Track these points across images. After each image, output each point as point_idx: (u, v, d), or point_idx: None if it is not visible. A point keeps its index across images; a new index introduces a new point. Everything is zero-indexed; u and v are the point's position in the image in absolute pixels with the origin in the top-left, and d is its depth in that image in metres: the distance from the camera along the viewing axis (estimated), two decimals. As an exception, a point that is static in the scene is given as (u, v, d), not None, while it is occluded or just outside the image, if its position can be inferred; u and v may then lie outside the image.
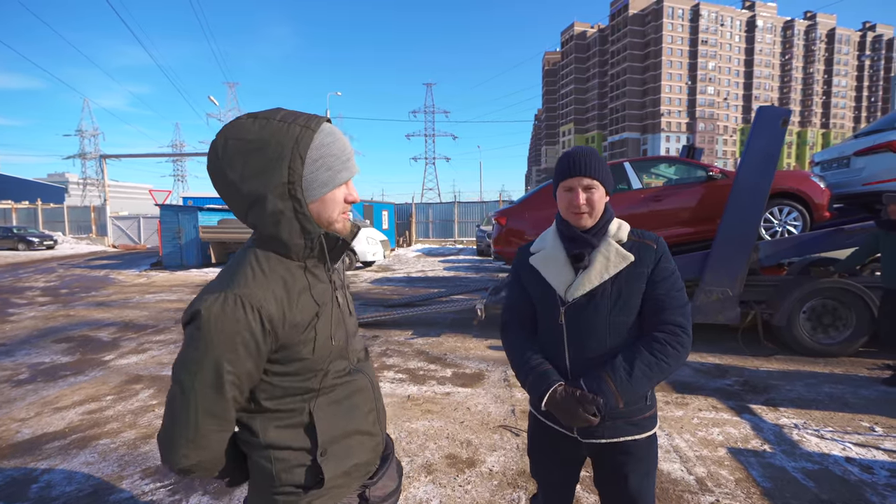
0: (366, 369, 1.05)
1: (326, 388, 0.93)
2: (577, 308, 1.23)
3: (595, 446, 1.26)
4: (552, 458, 1.36)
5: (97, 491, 2.48)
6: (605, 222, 1.27)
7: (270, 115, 0.86)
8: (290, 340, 0.86)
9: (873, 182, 4.97)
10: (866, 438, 2.95)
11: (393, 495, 1.07)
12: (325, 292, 0.95)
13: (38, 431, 3.22)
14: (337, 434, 0.94)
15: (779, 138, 4.48)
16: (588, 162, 1.22)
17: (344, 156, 0.90)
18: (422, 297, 7.58)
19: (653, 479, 1.29)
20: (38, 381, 4.29)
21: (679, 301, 1.21)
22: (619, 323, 1.21)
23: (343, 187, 0.92)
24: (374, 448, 1.02)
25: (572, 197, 1.24)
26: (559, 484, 1.40)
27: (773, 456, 2.74)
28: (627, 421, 1.22)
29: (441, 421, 3.32)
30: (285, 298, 0.86)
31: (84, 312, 7.56)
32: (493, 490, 2.45)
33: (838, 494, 2.35)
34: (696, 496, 2.36)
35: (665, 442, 2.93)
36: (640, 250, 1.23)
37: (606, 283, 1.21)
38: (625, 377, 1.13)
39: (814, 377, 4.08)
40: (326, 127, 0.89)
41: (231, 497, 2.41)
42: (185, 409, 0.80)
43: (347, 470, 0.95)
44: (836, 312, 4.66)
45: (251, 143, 0.83)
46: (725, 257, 4.65)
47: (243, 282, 0.82)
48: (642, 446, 1.24)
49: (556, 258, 1.29)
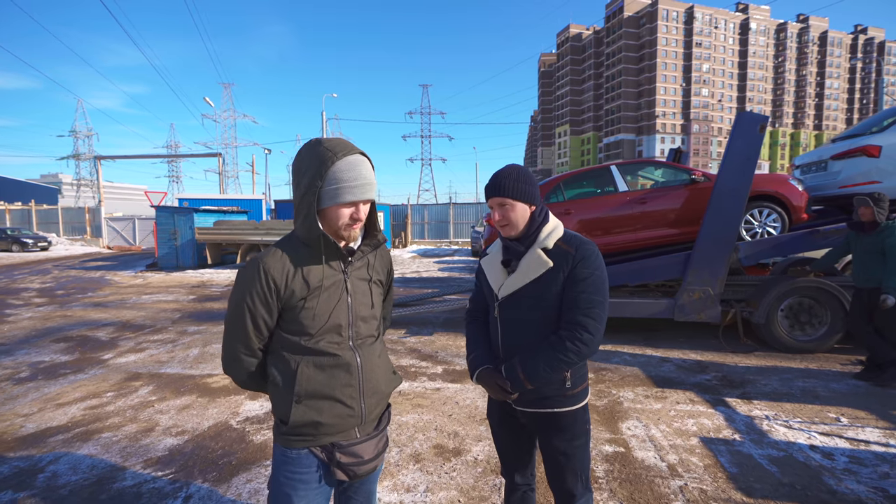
0: (363, 351, 1.27)
1: (315, 352, 1.20)
2: (506, 305, 1.48)
3: (527, 414, 1.50)
4: (498, 419, 1.64)
5: (101, 480, 2.61)
6: (534, 231, 1.44)
7: (324, 142, 1.19)
8: (290, 303, 1.18)
9: (849, 185, 5.16)
10: (831, 428, 3.12)
11: (362, 464, 1.26)
12: (335, 278, 1.23)
13: (42, 426, 3.34)
14: (311, 391, 1.19)
15: (757, 142, 4.67)
16: (502, 183, 1.41)
17: (355, 182, 1.16)
18: (416, 297, 7.72)
19: (579, 446, 1.48)
20: (39, 378, 4.41)
21: (586, 302, 1.35)
22: (538, 318, 1.42)
23: (349, 207, 1.18)
24: (345, 417, 1.22)
25: (493, 213, 1.47)
26: (510, 446, 1.65)
27: (742, 444, 2.91)
28: (550, 399, 1.45)
29: (430, 414, 3.47)
30: (291, 271, 1.18)
31: (81, 313, 7.65)
32: (477, 476, 2.60)
33: (798, 478, 2.52)
34: (666, 481, 2.52)
35: (642, 432, 3.10)
36: (560, 256, 1.39)
37: (529, 285, 1.42)
38: (530, 366, 1.38)
39: (789, 372, 4.26)
40: (352, 158, 1.17)
41: (229, 484, 2.55)
42: (226, 329, 1.22)
43: (312, 422, 1.19)
44: (812, 310, 4.85)
45: (303, 158, 1.19)
46: (707, 257, 4.83)
47: (269, 252, 1.19)
48: (567, 417, 1.46)
49: (495, 262, 1.53)
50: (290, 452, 1.21)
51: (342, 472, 1.23)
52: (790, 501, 2.31)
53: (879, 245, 3.85)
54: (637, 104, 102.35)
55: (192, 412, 3.56)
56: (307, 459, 1.21)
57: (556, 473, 1.52)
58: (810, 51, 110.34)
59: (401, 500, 2.39)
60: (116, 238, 23.88)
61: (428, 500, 2.39)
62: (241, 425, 3.31)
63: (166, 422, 3.39)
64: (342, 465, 1.22)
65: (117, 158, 34.96)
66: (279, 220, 15.97)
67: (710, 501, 2.32)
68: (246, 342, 1.20)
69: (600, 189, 5.77)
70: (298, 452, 1.21)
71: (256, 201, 18.74)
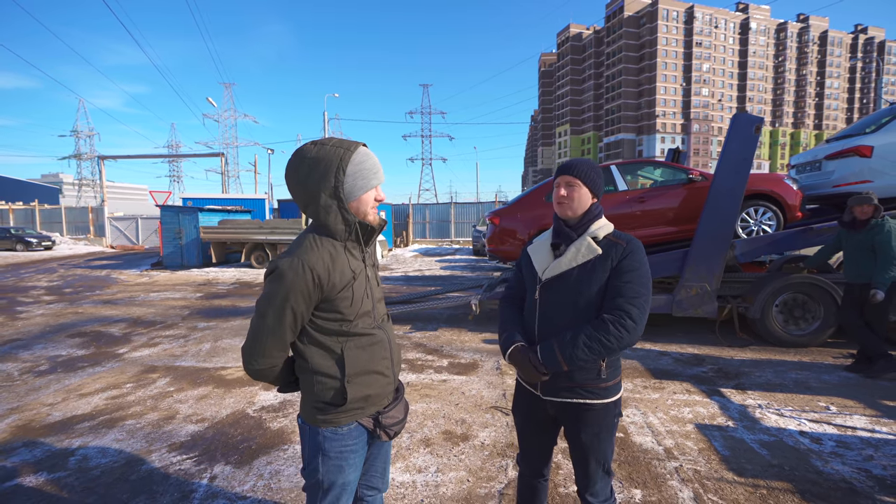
0: (386, 328, 1.42)
1: (355, 335, 1.31)
2: (549, 287, 1.52)
3: (555, 404, 1.53)
4: (525, 412, 1.67)
5: (129, 462, 2.77)
6: (588, 220, 1.51)
7: (326, 142, 1.27)
8: (331, 295, 1.25)
9: (842, 184, 5.32)
10: (821, 416, 3.28)
11: (400, 423, 1.43)
12: (359, 266, 1.34)
13: (68, 414, 3.50)
14: (359, 369, 1.31)
15: (752, 143, 4.82)
16: (576, 164, 1.51)
17: (374, 169, 1.30)
18: (419, 295, 7.86)
19: (604, 441, 1.51)
20: (59, 371, 4.56)
21: (633, 292, 1.39)
22: (579, 303, 1.45)
23: (373, 191, 1.32)
24: (385, 385, 1.39)
25: (557, 190, 1.53)
26: (533, 439, 1.69)
27: (735, 430, 3.07)
28: (583, 388, 1.48)
29: (438, 403, 3.62)
30: (330, 265, 1.25)
31: (92, 310, 7.81)
32: (485, 459, 2.76)
33: (787, 460, 2.67)
34: (662, 462, 2.67)
35: (640, 419, 3.25)
36: (610, 247, 1.46)
37: (574, 269, 1.47)
38: (569, 346, 1.39)
39: (783, 365, 4.41)
40: (362, 150, 1.31)
41: (251, 466, 2.70)
42: (261, 329, 1.22)
43: (365, 396, 1.32)
44: (805, 306, 5.00)
45: (311, 160, 1.24)
46: (704, 255, 4.98)
47: (304, 250, 1.23)
48: (596, 411, 1.48)
49: (544, 246, 1.60)
50: (340, 429, 1.30)
51: (385, 433, 1.37)
52: (779, 480, 2.47)
53: (869, 242, 4.00)
54: (637, 104, 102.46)
55: (209, 401, 3.72)
56: (356, 431, 1.33)
57: (580, 459, 1.55)
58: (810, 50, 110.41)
59: (413, 480, 2.54)
60: (119, 237, 24.03)
61: (439, 479, 2.55)
62: (258, 413, 3.47)
63: (186, 410, 3.55)
64: (385, 427, 1.37)
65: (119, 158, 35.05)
66: (283, 219, 16.13)
67: (703, 480, 2.48)
68: (283, 340, 1.24)
69: (600, 188, 5.91)
70: (349, 427, 1.32)
71: (260, 201, 18.91)
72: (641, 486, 2.45)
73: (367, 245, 1.36)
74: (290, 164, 1.27)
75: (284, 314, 1.20)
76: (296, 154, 1.27)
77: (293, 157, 1.27)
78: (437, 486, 2.49)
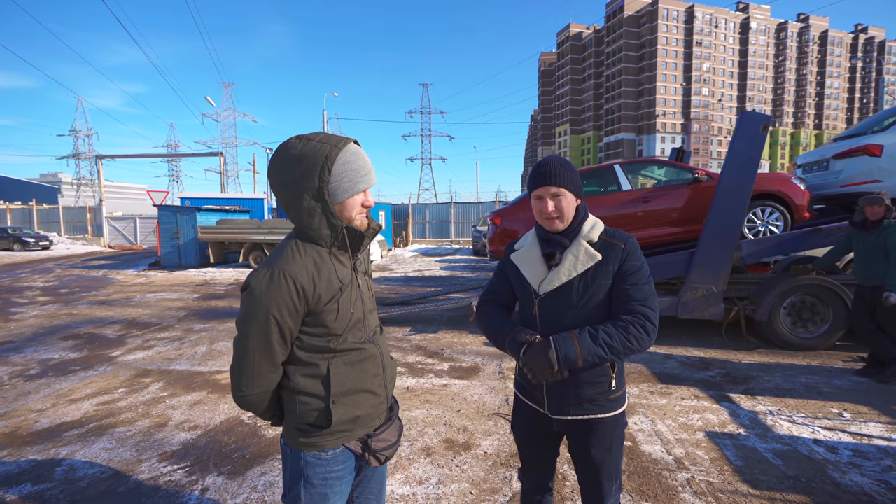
0: (378, 341, 1.29)
1: (343, 351, 1.19)
2: (548, 301, 1.39)
3: (564, 422, 1.43)
4: (529, 431, 1.55)
5: (118, 472, 2.65)
6: (578, 223, 1.40)
7: (312, 137, 1.14)
8: (317, 308, 1.12)
9: (850, 184, 5.21)
10: (835, 423, 3.17)
11: (392, 447, 1.30)
12: (347, 275, 1.20)
13: (56, 421, 3.39)
14: (347, 388, 1.18)
15: (759, 142, 4.71)
16: (555, 171, 1.34)
17: (363, 170, 1.16)
18: (419, 296, 7.75)
19: (615, 454, 1.43)
20: (50, 375, 4.45)
21: (644, 293, 1.32)
22: (584, 315, 1.35)
23: (361, 194, 1.17)
24: (377, 405, 1.26)
25: (542, 205, 1.36)
26: (536, 455, 1.58)
27: (747, 438, 2.96)
28: (592, 402, 1.38)
29: (439, 410, 3.51)
30: (315, 274, 1.12)
31: (87, 311, 7.70)
32: (488, 470, 2.65)
33: (803, 471, 2.57)
34: (673, 473, 2.56)
35: (648, 427, 3.14)
36: (608, 250, 1.35)
37: (574, 279, 1.35)
38: (588, 338, 1.27)
39: (792, 369, 4.31)
40: (351, 147, 1.15)
41: (244, 477, 2.59)
42: (246, 351, 1.10)
43: (353, 418, 1.20)
44: (814, 308, 4.89)
45: (294, 157, 1.11)
46: (710, 256, 4.87)
47: (284, 260, 1.10)
48: (606, 424, 1.39)
49: (533, 256, 1.44)
50: (324, 454, 1.19)
51: (375, 458, 1.25)
52: (796, 493, 2.36)
53: (882, 243, 3.89)
54: (637, 103, 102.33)
55: (203, 408, 3.60)
56: (342, 456, 1.21)
57: (590, 476, 1.45)
58: (810, 50, 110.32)
59: (413, 493, 2.43)
60: (117, 237, 23.91)
61: (440, 492, 2.44)
62: (253, 420, 3.35)
63: (179, 417, 3.43)
64: (375, 452, 1.24)
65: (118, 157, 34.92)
66: (282, 218, 16.00)
67: (717, 493, 2.37)
68: (272, 358, 1.11)
69: (604, 188, 5.81)
70: (334, 451, 1.20)
71: (258, 200, 18.78)
72: (652, 498, 2.34)
73: (357, 252, 1.22)
74: (273, 161, 1.14)
75: (269, 330, 1.08)
76: (279, 150, 1.13)
77: (276, 152, 1.14)
78: (439, 499, 2.38)
